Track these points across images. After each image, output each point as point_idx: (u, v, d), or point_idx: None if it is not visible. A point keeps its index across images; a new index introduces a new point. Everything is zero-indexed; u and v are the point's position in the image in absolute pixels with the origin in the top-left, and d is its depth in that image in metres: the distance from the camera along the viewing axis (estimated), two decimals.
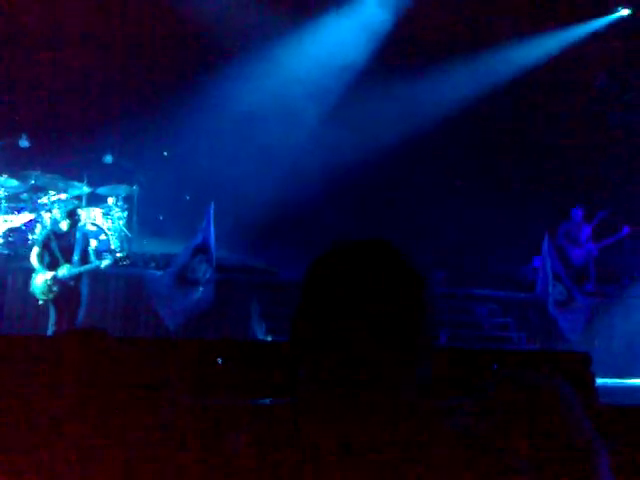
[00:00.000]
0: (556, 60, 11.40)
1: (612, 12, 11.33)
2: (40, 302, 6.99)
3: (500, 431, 1.07)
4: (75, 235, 7.15)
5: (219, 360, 3.84)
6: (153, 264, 8.35)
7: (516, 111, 11.55)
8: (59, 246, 7.00)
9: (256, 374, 3.74)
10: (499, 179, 11.46)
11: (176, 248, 8.48)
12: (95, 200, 9.50)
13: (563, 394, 1.11)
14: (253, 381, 3.83)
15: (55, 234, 7.13)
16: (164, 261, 8.36)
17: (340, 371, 1.02)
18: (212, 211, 7.92)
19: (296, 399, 1.06)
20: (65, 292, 6.94)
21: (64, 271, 6.91)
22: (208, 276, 7.73)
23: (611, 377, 8.32)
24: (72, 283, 6.98)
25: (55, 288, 6.87)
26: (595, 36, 11.44)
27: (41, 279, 6.89)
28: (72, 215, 7.15)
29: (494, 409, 1.10)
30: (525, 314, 9.62)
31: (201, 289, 7.66)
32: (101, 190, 9.47)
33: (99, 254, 7.59)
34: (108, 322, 7.97)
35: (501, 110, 11.44)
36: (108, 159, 9.73)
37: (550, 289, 8.87)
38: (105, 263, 6.99)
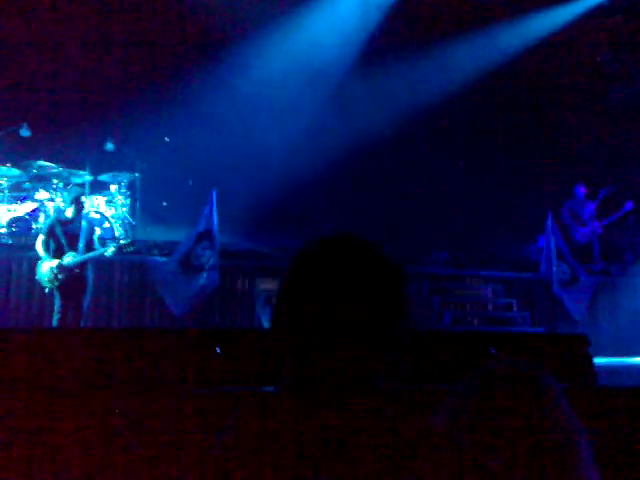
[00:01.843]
0: (557, 36, 11.30)
1: None
2: (46, 290, 7.04)
3: (478, 426, 1.08)
4: (80, 222, 7.19)
5: (217, 349, 3.87)
6: (157, 251, 8.37)
7: (517, 90, 11.47)
8: (64, 233, 7.04)
9: (256, 362, 3.77)
10: (502, 159, 11.41)
11: (179, 235, 8.51)
12: (98, 188, 9.51)
13: (547, 389, 1.10)
14: (253, 370, 3.86)
15: (60, 221, 7.17)
16: (168, 248, 8.38)
17: (318, 362, 1.06)
18: (215, 197, 7.93)
19: (278, 388, 1.10)
20: (71, 279, 6.98)
21: (69, 259, 6.94)
22: (212, 262, 7.76)
23: (616, 356, 8.35)
24: (77, 270, 7.02)
25: (60, 276, 6.91)
26: (597, 11, 11.32)
27: (46, 267, 6.93)
28: (77, 202, 7.19)
29: (474, 403, 1.11)
30: (529, 294, 9.63)
31: (205, 275, 7.69)
32: (103, 178, 9.47)
33: (103, 242, 7.61)
34: (113, 309, 8.02)
35: (502, 89, 11.36)
36: (109, 146, 9.72)
37: (554, 268, 8.88)
38: (110, 250, 7.02)
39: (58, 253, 7.01)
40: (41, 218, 8.61)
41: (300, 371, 1.07)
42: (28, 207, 8.70)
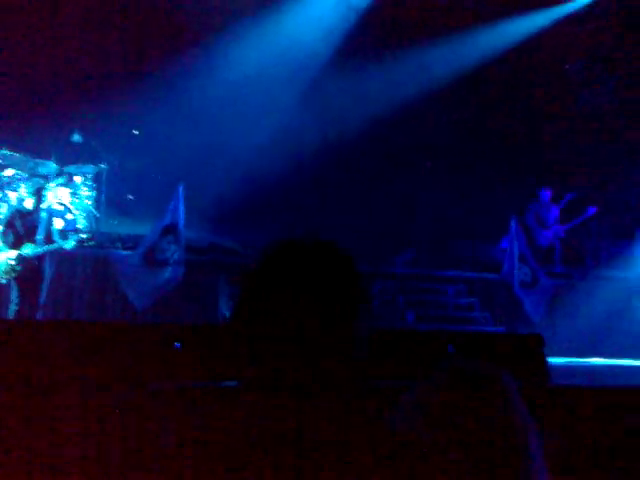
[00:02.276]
0: (530, 43, 11.45)
1: None
2: (2, 281, 6.95)
3: (436, 424, 1.09)
4: (39, 214, 7.11)
5: (177, 344, 3.87)
6: (120, 244, 8.30)
7: (486, 94, 11.61)
8: (23, 225, 6.96)
9: (219, 358, 3.78)
10: (469, 161, 11.53)
11: (145, 228, 8.43)
12: (63, 179, 9.39)
13: (505, 387, 1.11)
14: (215, 365, 3.88)
15: (20, 213, 7.08)
16: (132, 241, 8.32)
17: (278, 359, 1.09)
18: (182, 191, 7.89)
19: (240, 383, 1.13)
20: (28, 271, 6.90)
21: (28, 250, 6.88)
22: (177, 257, 7.72)
23: (574, 357, 8.52)
24: (36, 262, 6.95)
25: (18, 267, 6.83)
26: (568, 19, 11.50)
27: (4, 258, 6.84)
28: (38, 193, 7.10)
29: (433, 400, 1.12)
30: (491, 295, 9.77)
31: (169, 269, 7.65)
32: (69, 169, 9.36)
33: (65, 234, 7.53)
34: (74, 303, 7.94)
35: (471, 93, 11.49)
36: (76, 138, 9.60)
37: (516, 271, 9.02)
38: (69, 243, 6.95)
39: (17, 244, 6.93)
40: (3, 208, 8.48)
41: (260, 367, 1.10)
42: None
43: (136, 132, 10.62)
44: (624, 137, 11.68)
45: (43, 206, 7.28)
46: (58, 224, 7.51)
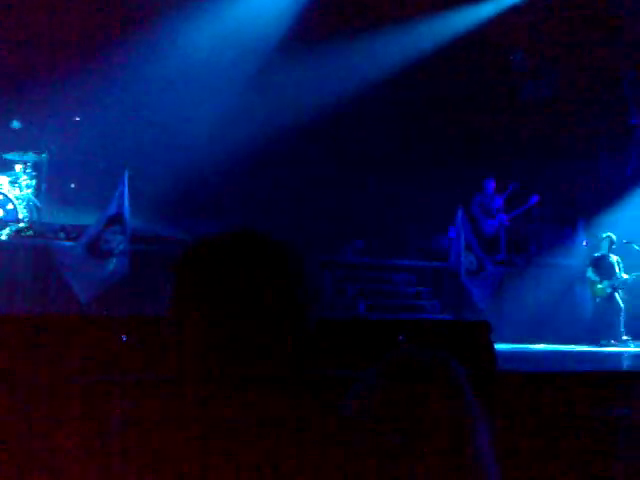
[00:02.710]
0: (474, 34, 11.60)
1: None
2: None
3: (388, 412, 1.09)
4: None
5: (123, 337, 3.79)
6: (63, 235, 8.07)
7: (432, 84, 11.70)
8: None
9: (161, 351, 3.71)
10: (417, 151, 11.65)
11: (89, 218, 8.22)
12: (2, 167, 9.07)
13: (454, 375, 1.12)
14: (159, 358, 3.80)
15: None
16: (75, 232, 8.09)
17: (221, 351, 1.07)
18: (127, 179, 7.72)
19: (179, 377, 1.10)
20: None
21: None
22: (122, 247, 7.56)
23: (518, 343, 8.73)
24: None
25: None
26: (512, 10, 11.68)
27: None
28: None
29: (384, 389, 1.13)
30: (439, 283, 9.93)
31: (114, 261, 7.48)
32: (8, 157, 9.05)
33: (4, 224, 7.28)
34: (16, 295, 7.68)
35: (419, 83, 11.57)
36: (15, 124, 9.31)
37: (462, 259, 9.18)
38: (5, 233, 6.72)
39: None
40: None
41: (201, 360, 1.08)
42: None
43: (77, 119, 10.34)
44: (567, 127, 11.98)
45: None
46: None
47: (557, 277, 10.47)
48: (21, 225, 6.83)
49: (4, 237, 6.76)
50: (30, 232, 6.83)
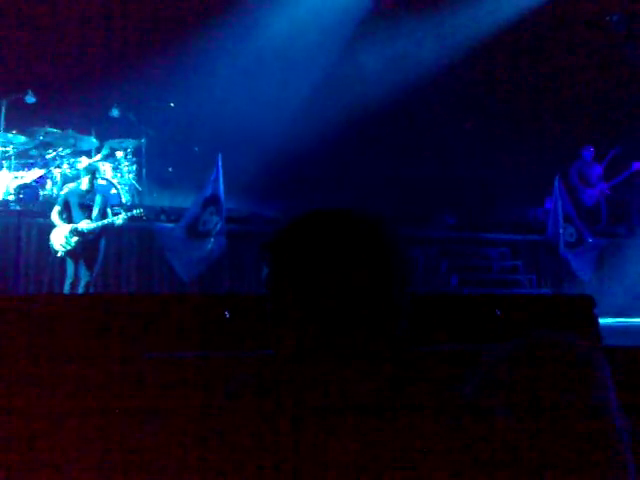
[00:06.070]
0: None
1: None
2: (59, 254, 7.14)
3: (521, 400, 1.01)
4: (95, 195, 7.34)
5: (226, 313, 3.91)
6: (164, 217, 8.40)
7: (527, 50, 11.29)
8: (79, 205, 7.18)
9: (261, 327, 3.81)
10: (509, 121, 11.30)
11: (186, 200, 8.51)
12: (105, 154, 9.51)
13: (599, 369, 1.03)
14: (260, 334, 3.91)
15: (76, 193, 7.30)
16: (175, 214, 8.40)
17: (319, 328, 1.07)
18: (220, 162, 7.92)
19: (276, 352, 1.11)
20: (83, 246, 7.13)
21: (84, 224, 7.08)
22: (219, 228, 7.78)
23: (622, 317, 8.39)
24: (91, 237, 7.14)
25: (73, 241, 7.04)
26: None
27: (60, 232, 7.06)
28: (92, 175, 7.33)
29: (518, 375, 1.04)
30: (535, 256, 9.64)
31: (212, 240, 7.73)
32: (110, 144, 9.47)
33: (112, 209, 7.67)
34: (123, 276, 8.09)
35: (510, 50, 11.19)
36: (115, 112, 9.69)
37: (561, 230, 8.88)
38: (120, 218, 7.13)
39: (72, 222, 7.18)
40: (48, 185, 8.63)
41: (300, 337, 1.08)
42: (35, 174, 8.72)
43: (172, 105, 10.65)
44: None
45: (96, 186, 7.52)
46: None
47: None
48: (135, 211, 7.22)
49: (118, 223, 7.17)
50: (144, 217, 7.23)
